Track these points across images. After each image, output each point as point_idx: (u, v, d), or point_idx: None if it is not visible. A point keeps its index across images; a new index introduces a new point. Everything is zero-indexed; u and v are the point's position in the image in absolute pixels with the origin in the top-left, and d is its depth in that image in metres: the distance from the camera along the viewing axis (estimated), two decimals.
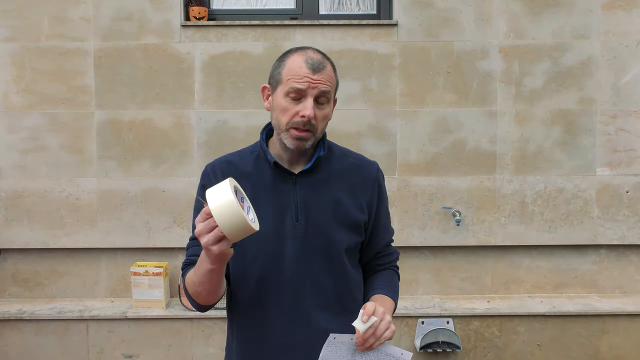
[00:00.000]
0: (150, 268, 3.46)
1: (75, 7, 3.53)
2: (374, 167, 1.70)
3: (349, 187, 1.61)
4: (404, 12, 3.55)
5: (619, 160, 3.62)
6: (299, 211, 1.56)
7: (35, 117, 3.58)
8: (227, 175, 1.49)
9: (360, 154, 1.75)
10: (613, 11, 3.56)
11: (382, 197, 1.68)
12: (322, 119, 1.54)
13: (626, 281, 3.72)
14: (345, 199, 1.59)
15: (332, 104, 1.59)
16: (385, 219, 1.70)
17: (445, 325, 3.42)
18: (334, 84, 1.57)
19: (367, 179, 1.65)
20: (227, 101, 3.58)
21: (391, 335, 1.42)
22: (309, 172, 1.59)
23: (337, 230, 1.56)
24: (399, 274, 1.78)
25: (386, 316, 1.41)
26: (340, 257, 1.57)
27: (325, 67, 1.52)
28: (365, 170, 1.67)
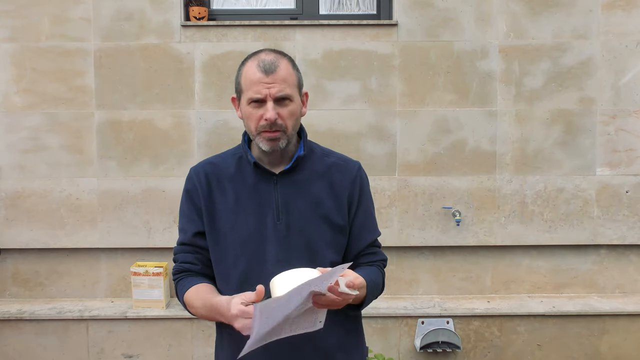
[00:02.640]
0: (150, 268, 3.47)
1: (75, 7, 3.53)
2: (356, 166, 1.68)
3: (329, 187, 1.62)
4: (404, 12, 3.56)
5: (619, 160, 3.62)
6: (280, 211, 1.57)
7: (35, 117, 3.58)
8: (210, 177, 1.61)
9: (342, 154, 1.74)
10: (613, 11, 3.56)
11: (364, 196, 1.67)
12: (288, 116, 1.54)
13: (626, 281, 3.72)
14: (326, 199, 1.60)
15: (297, 99, 1.58)
16: (366, 218, 1.68)
17: (445, 325, 3.42)
18: (293, 80, 1.56)
19: (348, 178, 1.64)
20: (227, 101, 3.58)
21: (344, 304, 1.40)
22: (289, 172, 1.60)
23: (318, 229, 1.58)
24: (384, 275, 1.71)
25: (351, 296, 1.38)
26: (321, 256, 1.57)
27: (278, 66, 1.52)
28: (346, 170, 1.65)
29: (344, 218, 1.61)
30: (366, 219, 1.68)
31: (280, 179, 1.60)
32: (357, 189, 1.65)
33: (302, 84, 1.62)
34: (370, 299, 1.61)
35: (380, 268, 1.70)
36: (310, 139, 1.71)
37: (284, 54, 1.60)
